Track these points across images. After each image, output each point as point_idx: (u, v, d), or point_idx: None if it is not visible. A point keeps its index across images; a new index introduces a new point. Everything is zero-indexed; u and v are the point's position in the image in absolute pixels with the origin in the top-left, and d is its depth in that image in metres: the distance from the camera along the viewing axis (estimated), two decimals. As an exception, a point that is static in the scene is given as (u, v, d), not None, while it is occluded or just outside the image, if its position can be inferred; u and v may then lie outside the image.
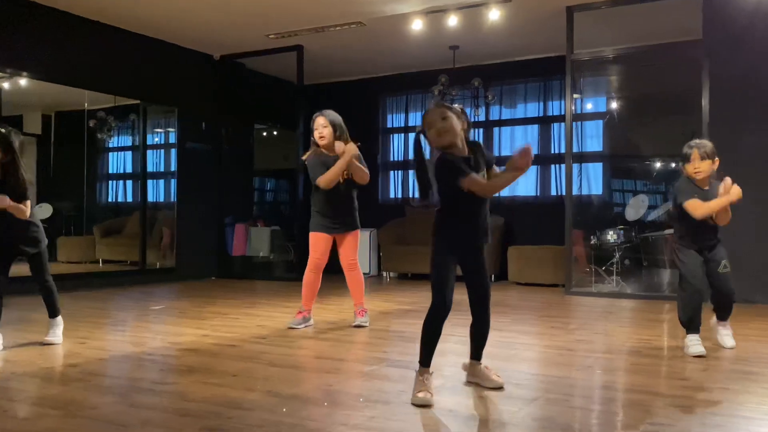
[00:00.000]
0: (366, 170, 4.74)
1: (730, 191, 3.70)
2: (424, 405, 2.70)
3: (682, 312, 3.90)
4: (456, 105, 2.97)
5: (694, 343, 3.81)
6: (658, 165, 7.77)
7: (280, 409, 2.65)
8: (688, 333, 3.88)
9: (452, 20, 7.10)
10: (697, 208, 3.77)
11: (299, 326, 4.69)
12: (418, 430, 2.44)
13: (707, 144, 3.84)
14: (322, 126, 4.65)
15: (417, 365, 2.90)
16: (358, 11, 7.05)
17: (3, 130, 3.95)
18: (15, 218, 3.86)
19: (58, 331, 4.11)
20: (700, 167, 3.79)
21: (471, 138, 2.98)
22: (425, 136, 2.93)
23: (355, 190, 4.85)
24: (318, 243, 4.74)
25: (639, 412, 2.67)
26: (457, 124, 2.85)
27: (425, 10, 7.01)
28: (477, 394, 2.93)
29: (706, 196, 3.80)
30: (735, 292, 3.98)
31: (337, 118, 4.71)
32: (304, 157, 4.78)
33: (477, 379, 3.07)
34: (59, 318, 4.14)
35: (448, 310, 2.85)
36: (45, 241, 4.05)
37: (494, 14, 6.88)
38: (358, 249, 4.87)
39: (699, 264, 3.87)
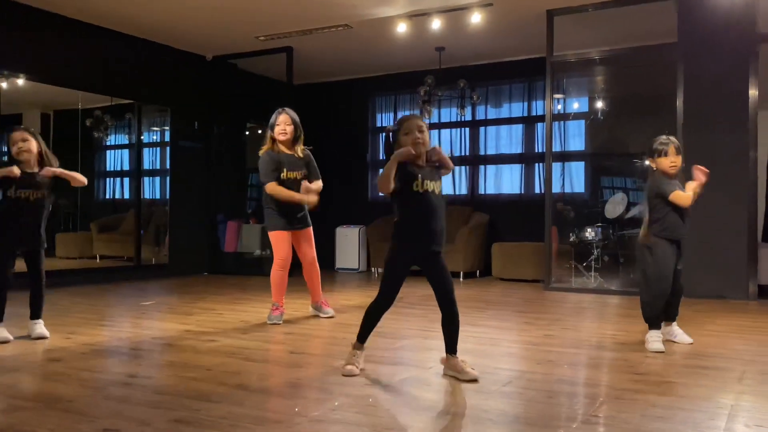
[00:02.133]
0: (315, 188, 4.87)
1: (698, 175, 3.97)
2: (350, 375, 3.14)
3: (648, 309, 4.02)
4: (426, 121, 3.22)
5: (656, 339, 3.92)
6: (636, 163, 7.86)
7: (246, 402, 2.76)
8: (651, 329, 3.99)
9: (436, 23, 7.19)
10: (682, 197, 3.96)
11: (279, 321, 4.80)
12: (374, 422, 2.54)
13: (676, 140, 4.07)
14: (285, 124, 4.78)
15: (387, 359, 3.14)
16: (345, 14, 7.15)
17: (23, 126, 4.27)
18: (33, 216, 4.10)
19: (43, 329, 4.21)
20: (676, 161, 3.99)
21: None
22: (395, 136, 3.20)
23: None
24: (282, 242, 4.84)
25: (586, 404, 2.78)
26: (428, 139, 3.17)
27: (409, 13, 7.10)
28: (442, 388, 3.03)
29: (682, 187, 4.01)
30: None
31: (297, 117, 4.87)
32: (261, 152, 4.86)
33: (453, 372, 3.19)
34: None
35: (390, 305, 3.22)
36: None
37: (476, 17, 6.97)
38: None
39: (671, 261, 3.98)
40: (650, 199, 4.07)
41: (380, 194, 9.99)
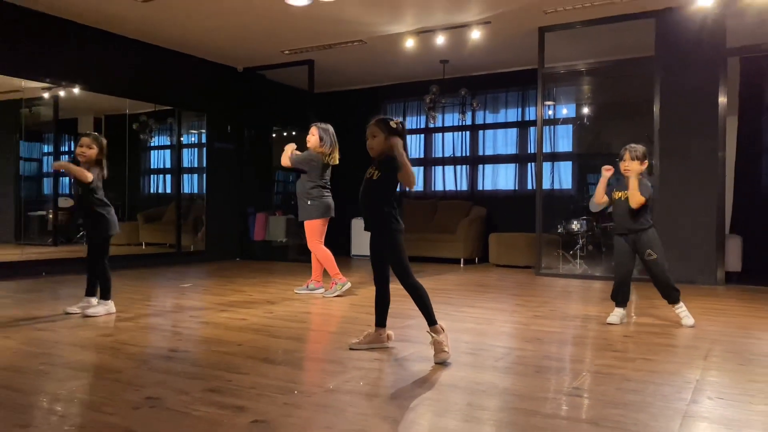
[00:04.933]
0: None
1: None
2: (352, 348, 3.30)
3: (612, 288, 4.19)
4: (397, 120, 3.27)
5: (613, 314, 4.12)
6: (618, 162, 7.83)
7: (271, 374, 2.80)
8: (615, 306, 4.16)
9: (440, 39, 7.18)
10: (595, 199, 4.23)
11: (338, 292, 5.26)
12: (381, 392, 2.57)
13: (639, 148, 4.05)
14: (311, 134, 5.32)
15: (396, 337, 3.39)
16: (360, 31, 7.15)
17: (95, 133, 4.45)
18: (88, 212, 4.28)
19: (100, 309, 4.28)
20: (629, 166, 4.02)
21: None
22: None
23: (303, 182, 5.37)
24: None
25: (567, 378, 2.79)
26: (378, 144, 3.22)
27: (416, 30, 7.09)
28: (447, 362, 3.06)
29: (620, 188, 4.10)
30: (665, 274, 4.06)
31: (328, 131, 5.31)
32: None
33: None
34: (110, 301, 4.35)
35: (378, 282, 3.32)
36: (105, 233, 4.31)
37: (476, 34, 6.95)
38: (308, 235, 5.39)
39: (623, 250, 4.07)
40: None
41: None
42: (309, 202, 5.24)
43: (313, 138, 5.29)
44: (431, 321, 3.15)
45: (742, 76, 7.25)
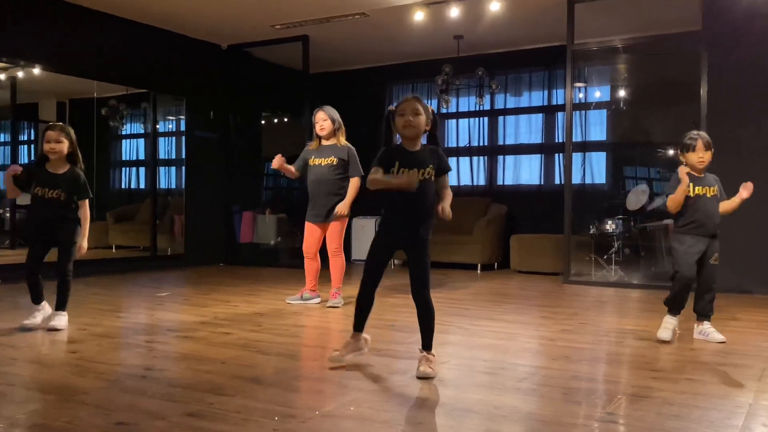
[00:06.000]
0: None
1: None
2: (335, 363, 3.26)
3: (670, 293, 4.10)
4: (429, 108, 3.22)
5: (665, 326, 4.04)
6: (659, 153, 7.81)
7: (259, 396, 2.81)
8: (668, 313, 4.09)
9: (454, 11, 7.18)
10: (670, 202, 4.10)
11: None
12: (387, 418, 2.58)
13: (707, 135, 4.07)
14: (322, 120, 5.27)
15: (403, 354, 3.36)
16: (361, 2, 7.16)
17: (61, 123, 4.42)
18: (48, 212, 4.21)
19: (64, 320, 4.29)
20: (704, 157, 4.03)
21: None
22: (393, 119, 3.20)
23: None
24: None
25: (600, 401, 2.79)
26: (422, 124, 3.13)
27: (427, 1, 7.09)
28: (456, 383, 3.07)
29: (700, 183, 4.06)
30: (716, 282, 4.07)
31: (335, 113, 5.31)
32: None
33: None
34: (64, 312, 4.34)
35: (372, 284, 3.25)
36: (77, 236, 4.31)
37: (495, 5, 6.96)
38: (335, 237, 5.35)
39: (694, 253, 4.00)
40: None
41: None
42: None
43: (327, 123, 5.24)
44: (429, 345, 3.22)
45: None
